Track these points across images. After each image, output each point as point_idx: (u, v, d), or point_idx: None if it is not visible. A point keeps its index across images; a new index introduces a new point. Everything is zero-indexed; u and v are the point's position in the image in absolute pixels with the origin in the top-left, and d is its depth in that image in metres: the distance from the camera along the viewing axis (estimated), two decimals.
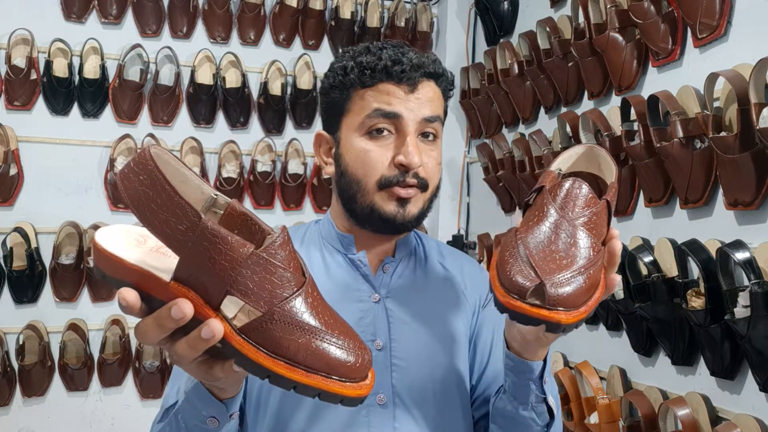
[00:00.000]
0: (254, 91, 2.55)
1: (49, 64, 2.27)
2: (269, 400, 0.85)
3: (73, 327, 2.29)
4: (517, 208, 2.26)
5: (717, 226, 1.43)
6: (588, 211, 0.67)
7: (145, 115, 2.44)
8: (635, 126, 1.59)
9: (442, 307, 0.92)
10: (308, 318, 0.55)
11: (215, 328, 0.53)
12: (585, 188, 0.69)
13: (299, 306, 0.55)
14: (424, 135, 0.87)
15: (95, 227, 2.30)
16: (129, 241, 0.58)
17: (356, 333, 0.58)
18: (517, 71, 2.17)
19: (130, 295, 0.54)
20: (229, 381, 0.63)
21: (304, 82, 2.58)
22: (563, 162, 0.78)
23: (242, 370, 0.55)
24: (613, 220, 1.78)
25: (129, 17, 2.42)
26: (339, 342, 0.55)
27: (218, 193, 0.59)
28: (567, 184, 0.69)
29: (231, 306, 0.55)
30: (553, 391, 0.83)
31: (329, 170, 0.91)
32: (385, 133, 0.85)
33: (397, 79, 0.84)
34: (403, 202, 0.85)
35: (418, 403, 0.85)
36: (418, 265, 0.95)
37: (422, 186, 0.86)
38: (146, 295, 0.55)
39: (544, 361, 0.78)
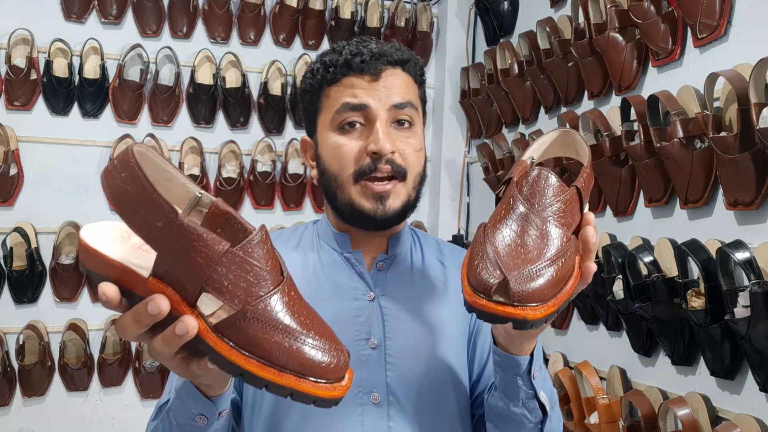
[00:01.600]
0: (254, 91, 2.55)
1: (49, 64, 2.27)
2: (264, 399, 0.85)
3: (73, 327, 2.28)
4: None
5: (717, 226, 1.43)
6: (556, 201, 0.65)
7: (145, 115, 2.44)
8: (635, 126, 1.59)
9: (438, 304, 0.91)
10: (283, 317, 0.55)
11: (189, 324, 0.54)
12: (552, 177, 0.67)
13: (274, 305, 0.55)
14: (399, 123, 0.86)
15: None
16: (113, 237, 0.59)
17: (334, 334, 0.58)
18: (517, 71, 2.17)
19: (109, 289, 0.55)
20: (211, 378, 0.63)
21: None
22: (536, 150, 0.76)
23: (216, 367, 0.56)
24: (614, 220, 1.78)
25: (129, 17, 2.42)
26: (314, 342, 0.55)
27: (203, 191, 0.60)
28: (533, 174, 0.67)
29: (209, 303, 0.56)
30: (547, 387, 0.81)
31: (314, 173, 0.93)
32: (357, 126, 0.85)
33: (358, 71, 0.85)
34: (380, 197, 0.84)
35: (413, 402, 0.85)
36: (414, 263, 0.94)
37: (399, 174, 0.85)
38: (127, 291, 0.56)
39: (532, 355, 0.77)
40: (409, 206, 0.88)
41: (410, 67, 0.89)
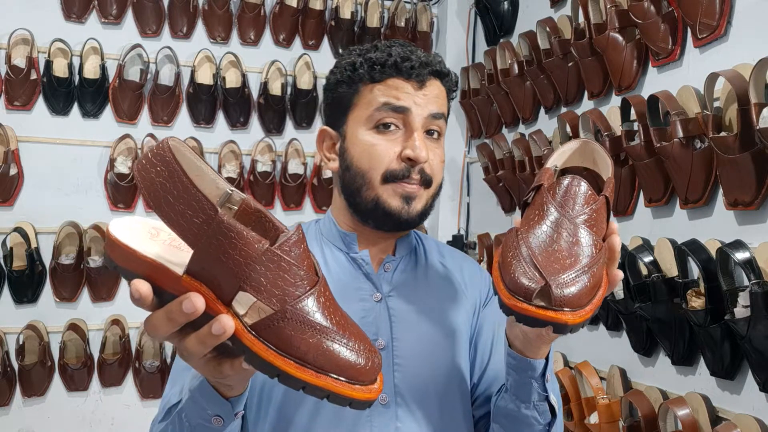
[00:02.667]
0: (254, 91, 2.55)
1: (49, 64, 2.27)
2: (272, 398, 0.85)
3: (73, 327, 2.29)
4: (518, 208, 2.26)
5: (717, 226, 1.43)
6: (588, 209, 0.67)
7: (145, 115, 2.44)
8: (635, 126, 1.59)
9: (443, 306, 0.92)
10: (320, 318, 0.55)
11: (226, 324, 0.52)
12: (584, 185, 0.68)
13: (311, 305, 0.55)
14: (429, 132, 0.88)
15: (95, 227, 2.30)
16: (143, 233, 0.58)
17: (366, 336, 0.58)
18: (517, 71, 2.17)
19: (143, 287, 0.53)
20: (236, 378, 0.63)
21: (304, 82, 2.58)
22: (558, 158, 0.78)
23: (251, 367, 0.55)
24: (614, 219, 1.79)
25: (129, 17, 2.42)
26: (350, 344, 0.55)
27: (234, 189, 0.59)
28: (566, 182, 0.69)
29: (242, 302, 0.55)
30: (555, 389, 0.82)
31: (332, 165, 0.92)
32: (393, 127, 0.86)
33: (406, 75, 0.86)
34: (408, 198, 0.86)
35: (420, 403, 0.85)
36: (419, 265, 0.95)
37: (426, 182, 0.87)
38: (158, 288, 0.54)
39: (546, 359, 0.77)
40: (427, 212, 0.90)
41: (447, 81, 0.91)
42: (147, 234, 0.58)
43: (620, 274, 0.68)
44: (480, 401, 0.91)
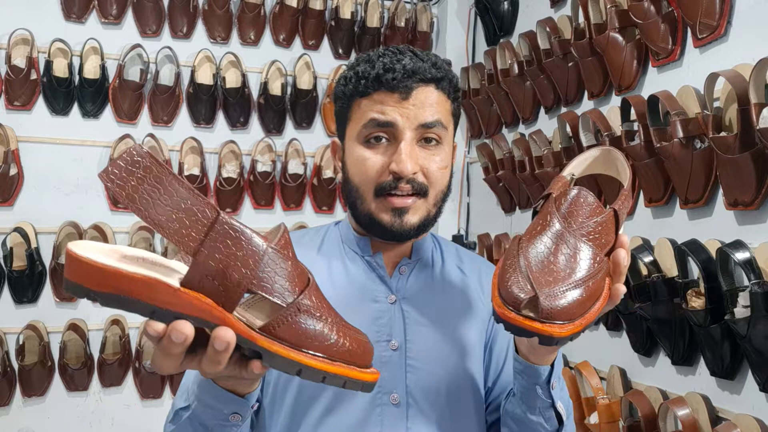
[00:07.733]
0: (254, 91, 2.55)
1: (49, 64, 2.27)
2: (286, 394, 0.85)
3: (73, 327, 2.29)
4: (518, 207, 2.26)
5: (717, 226, 1.43)
6: (592, 221, 0.67)
7: (145, 115, 2.44)
8: (635, 126, 1.59)
9: (458, 310, 0.92)
10: (322, 310, 0.56)
11: (225, 336, 0.52)
12: (591, 197, 0.68)
13: (314, 300, 0.56)
14: (426, 140, 0.86)
15: (95, 227, 2.31)
16: (110, 254, 0.53)
17: (353, 326, 0.61)
18: (517, 71, 2.17)
19: (187, 327, 0.51)
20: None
21: (304, 82, 2.58)
22: (577, 166, 0.77)
23: (272, 368, 0.56)
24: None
25: (129, 17, 2.42)
26: (350, 332, 0.57)
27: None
28: (573, 193, 0.69)
29: (248, 305, 0.55)
30: (564, 397, 0.82)
31: (340, 176, 0.93)
32: (383, 140, 0.85)
33: (389, 88, 0.83)
34: (399, 211, 0.85)
35: (432, 405, 0.86)
36: (435, 269, 0.95)
37: (421, 192, 0.85)
38: (149, 306, 0.50)
39: (552, 365, 0.77)
40: (429, 222, 0.89)
41: (444, 85, 0.87)
42: (115, 254, 0.53)
43: (622, 290, 0.67)
44: (493, 406, 0.92)
